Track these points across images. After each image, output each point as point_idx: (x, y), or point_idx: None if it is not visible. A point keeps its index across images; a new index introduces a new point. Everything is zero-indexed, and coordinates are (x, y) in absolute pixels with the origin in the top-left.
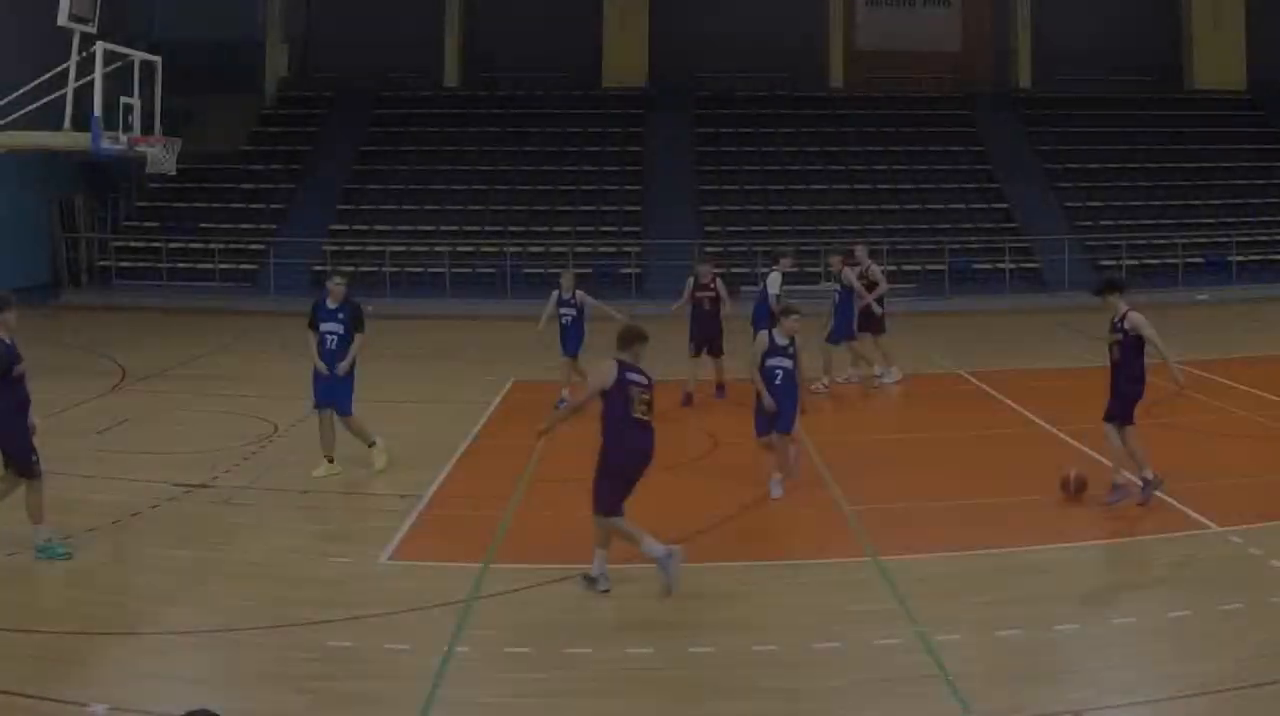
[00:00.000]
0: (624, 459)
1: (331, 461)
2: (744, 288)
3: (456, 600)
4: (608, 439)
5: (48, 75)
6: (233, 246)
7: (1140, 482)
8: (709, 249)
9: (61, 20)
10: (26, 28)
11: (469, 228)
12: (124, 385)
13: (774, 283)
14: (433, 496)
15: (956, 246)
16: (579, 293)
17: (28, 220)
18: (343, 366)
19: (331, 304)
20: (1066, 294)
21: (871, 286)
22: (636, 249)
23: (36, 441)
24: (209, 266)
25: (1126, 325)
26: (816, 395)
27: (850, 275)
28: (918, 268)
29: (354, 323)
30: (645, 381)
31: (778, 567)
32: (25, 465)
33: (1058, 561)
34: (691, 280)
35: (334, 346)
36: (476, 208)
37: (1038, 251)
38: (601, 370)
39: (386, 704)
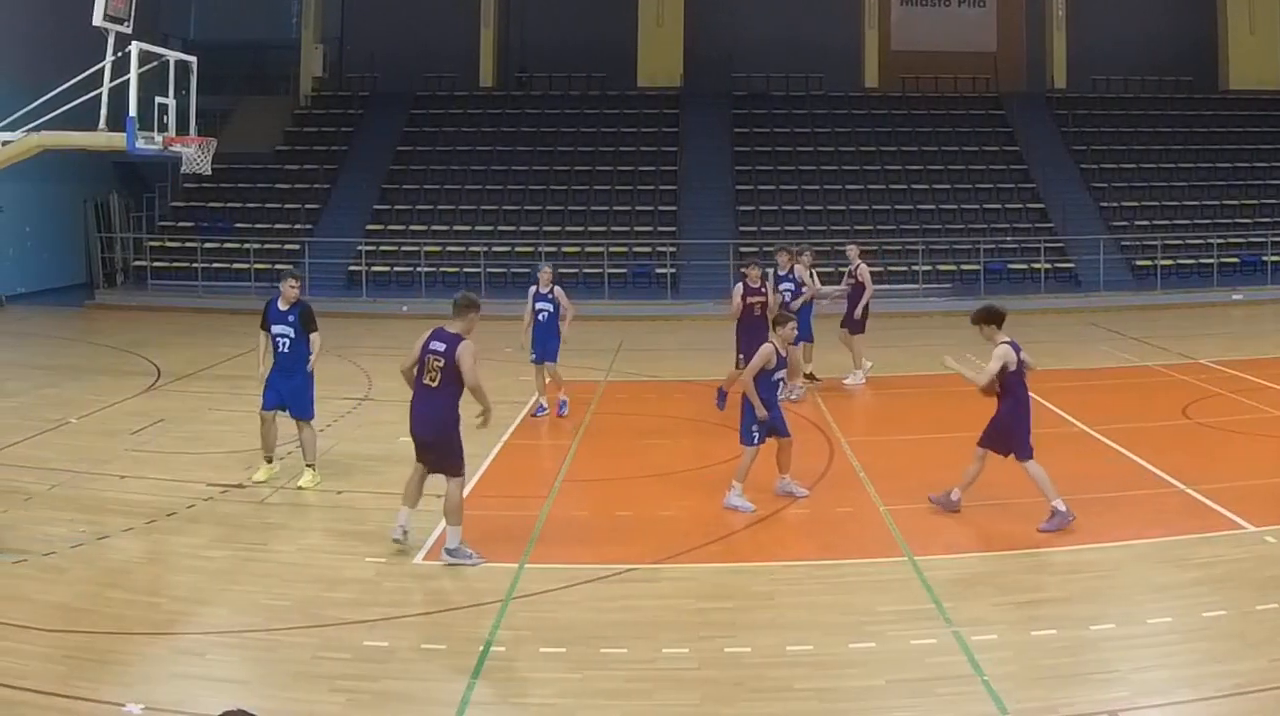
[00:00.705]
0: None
1: (270, 462)
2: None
3: (492, 600)
4: None
5: (83, 75)
6: (268, 246)
7: (954, 498)
8: (744, 249)
9: (97, 20)
10: (62, 27)
11: (504, 228)
12: (159, 385)
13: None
14: (467, 496)
15: (991, 246)
16: (557, 288)
17: (63, 220)
18: (312, 362)
19: (283, 306)
20: (1101, 294)
21: (859, 287)
22: (672, 249)
23: None
24: (244, 266)
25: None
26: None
27: (803, 273)
28: (953, 267)
29: (305, 324)
30: (441, 348)
31: (813, 567)
32: None
33: (1093, 561)
34: (741, 286)
35: (286, 349)
36: (511, 208)
37: (1073, 251)
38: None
39: (422, 703)
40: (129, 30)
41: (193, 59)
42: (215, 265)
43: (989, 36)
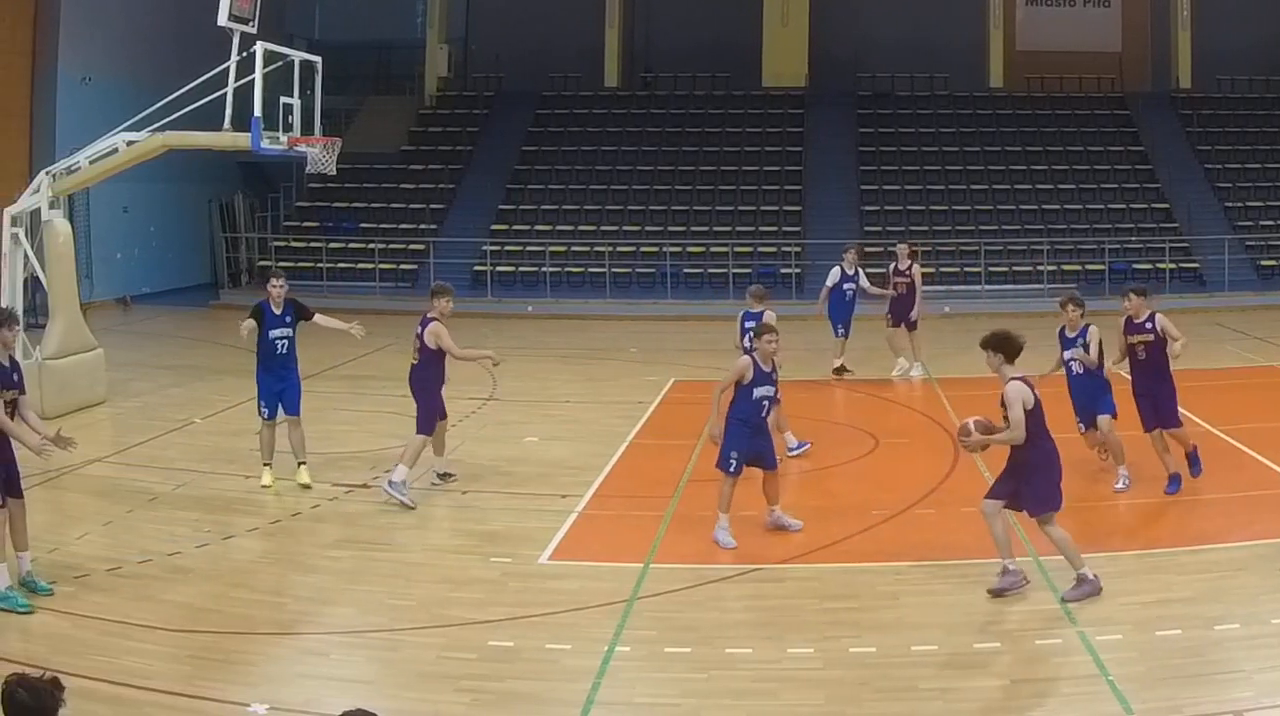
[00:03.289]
0: None
1: (271, 466)
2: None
3: (617, 600)
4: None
5: (208, 75)
6: (392, 246)
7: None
8: (870, 248)
9: (222, 21)
10: (186, 28)
11: (629, 228)
12: None
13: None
14: (593, 496)
15: (1116, 246)
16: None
17: (188, 220)
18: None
19: (277, 308)
20: (1226, 294)
21: (912, 287)
22: (797, 249)
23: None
24: (369, 266)
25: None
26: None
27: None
28: (1078, 267)
29: (300, 318)
30: (418, 331)
31: (938, 567)
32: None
33: (1218, 561)
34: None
35: (285, 350)
36: (636, 208)
37: (1197, 251)
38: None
39: (546, 703)
40: (254, 30)
41: (317, 59)
42: (340, 265)
43: (1114, 36)
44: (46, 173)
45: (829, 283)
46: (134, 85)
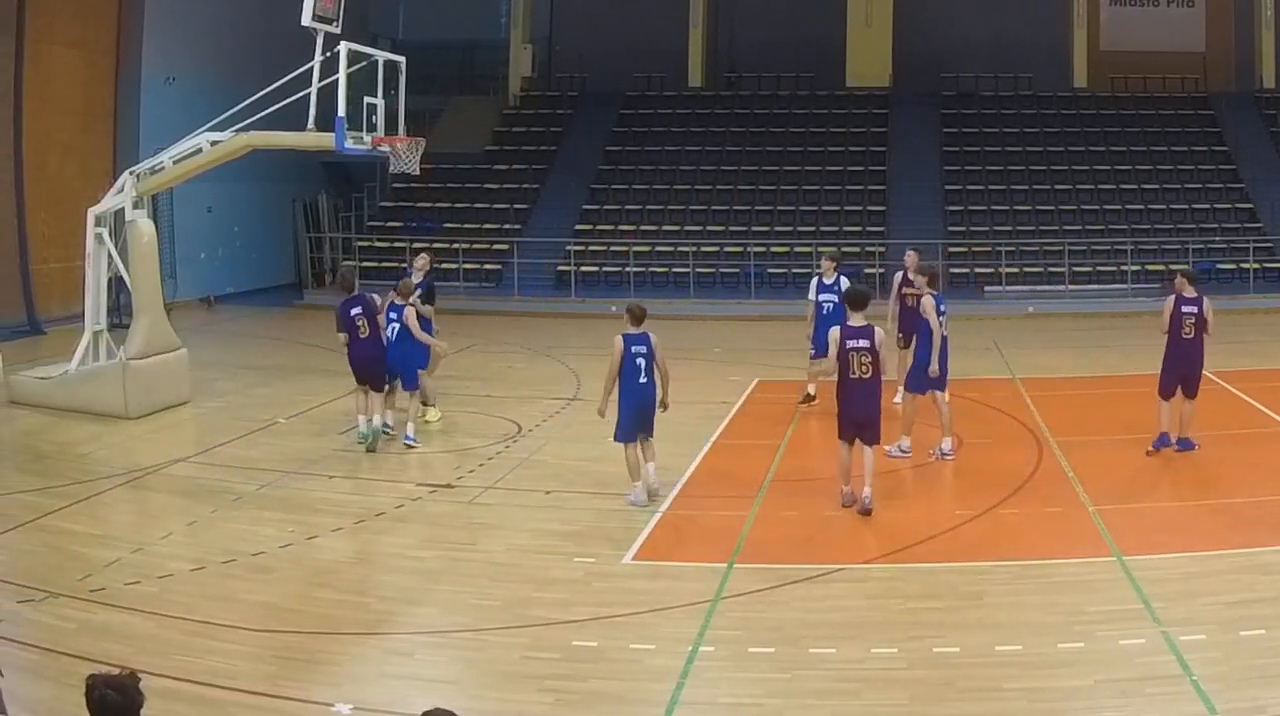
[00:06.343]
0: None
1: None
2: (987, 288)
3: (701, 600)
4: None
5: (292, 75)
6: (476, 246)
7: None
8: (954, 249)
9: (305, 21)
10: (270, 28)
11: (713, 227)
12: None
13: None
14: (676, 496)
15: (1200, 246)
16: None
17: (272, 220)
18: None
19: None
20: None
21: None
22: (881, 249)
23: None
24: (453, 266)
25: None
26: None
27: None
28: (1161, 267)
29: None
30: None
31: (1022, 567)
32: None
33: None
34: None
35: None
36: (720, 208)
37: None
38: None
39: (630, 703)
40: (338, 30)
41: (401, 59)
42: None
43: (1197, 36)
44: (130, 172)
45: (810, 297)
46: (217, 85)
